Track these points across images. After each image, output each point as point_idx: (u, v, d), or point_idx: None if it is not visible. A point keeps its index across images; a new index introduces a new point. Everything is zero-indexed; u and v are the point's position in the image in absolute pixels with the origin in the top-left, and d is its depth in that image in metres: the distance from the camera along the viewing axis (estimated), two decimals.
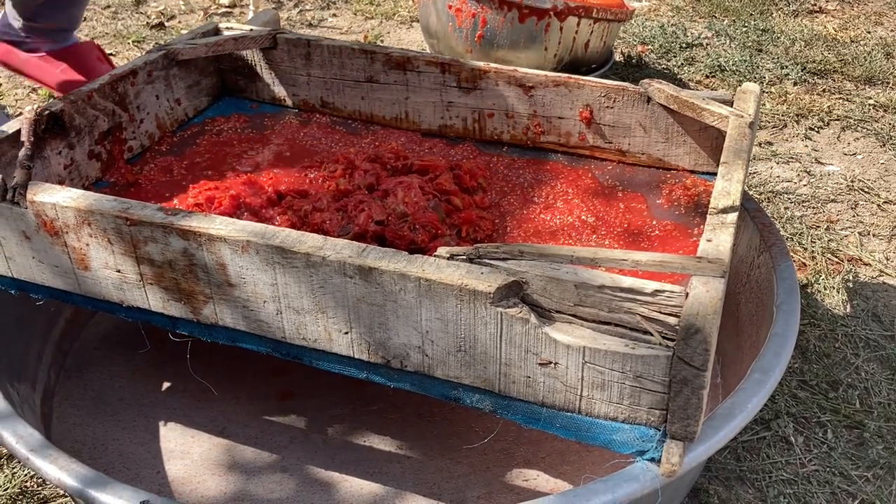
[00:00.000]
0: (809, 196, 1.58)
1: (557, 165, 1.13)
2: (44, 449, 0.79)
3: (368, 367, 0.80)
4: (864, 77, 2.03)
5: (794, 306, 0.93)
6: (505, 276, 0.70)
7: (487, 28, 1.77)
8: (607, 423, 0.72)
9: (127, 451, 1.01)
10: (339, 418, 1.05)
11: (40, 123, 0.96)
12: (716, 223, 0.77)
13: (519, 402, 0.75)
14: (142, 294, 0.85)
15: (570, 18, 1.75)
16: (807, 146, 1.76)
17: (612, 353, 0.68)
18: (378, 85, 1.21)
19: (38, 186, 0.85)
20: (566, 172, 1.11)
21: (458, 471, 0.98)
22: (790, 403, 1.10)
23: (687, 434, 0.70)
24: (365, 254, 0.73)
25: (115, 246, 0.82)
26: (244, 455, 1.00)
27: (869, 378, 1.14)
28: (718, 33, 2.34)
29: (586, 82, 1.10)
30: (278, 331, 0.81)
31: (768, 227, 1.06)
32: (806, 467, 1.02)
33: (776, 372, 0.84)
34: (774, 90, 1.99)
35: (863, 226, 1.49)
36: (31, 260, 0.89)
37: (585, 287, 0.68)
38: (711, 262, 0.69)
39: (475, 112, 1.17)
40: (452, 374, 0.76)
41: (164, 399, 1.09)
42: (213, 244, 0.78)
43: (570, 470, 0.97)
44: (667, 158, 1.10)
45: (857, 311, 1.27)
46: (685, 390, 0.67)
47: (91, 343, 1.18)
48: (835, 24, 2.41)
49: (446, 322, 0.73)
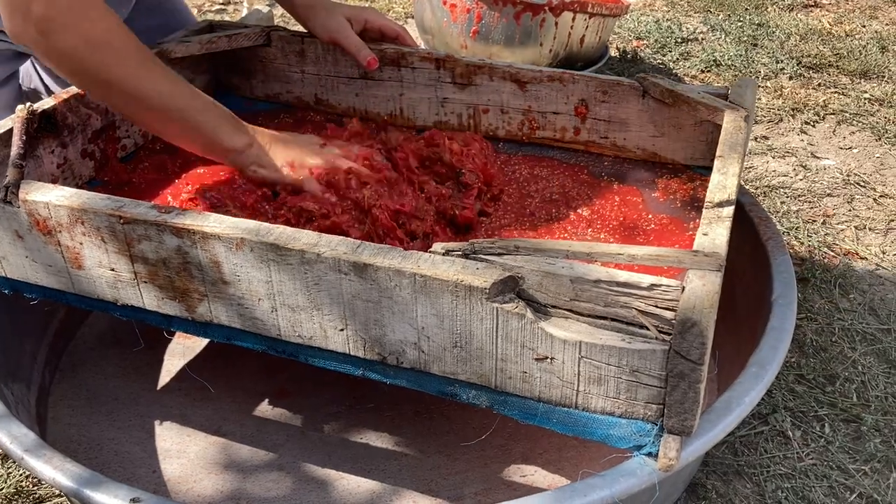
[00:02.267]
0: (805, 190, 1.58)
1: (553, 161, 1.12)
2: (38, 449, 0.78)
3: (364, 364, 0.80)
4: (860, 71, 2.03)
5: (790, 300, 0.93)
6: (500, 272, 0.70)
7: (482, 23, 1.77)
8: (604, 418, 0.72)
9: (123, 451, 1.01)
10: (335, 416, 1.04)
11: (32, 122, 0.95)
12: (712, 217, 0.77)
13: (515, 397, 0.75)
14: (136, 292, 0.85)
15: (566, 14, 1.75)
16: (802, 140, 1.76)
17: (609, 348, 0.68)
18: (372, 82, 1.20)
19: (31, 185, 0.84)
20: (561, 167, 1.11)
21: (456, 467, 0.97)
22: (787, 397, 1.10)
23: (684, 428, 0.70)
24: (360, 250, 0.73)
25: (109, 244, 0.82)
26: (240, 453, 1.00)
27: (866, 372, 1.14)
28: (714, 28, 2.33)
29: (581, 77, 1.09)
30: (273, 328, 0.81)
31: (765, 220, 1.06)
32: (803, 461, 1.02)
33: (773, 366, 0.84)
34: (770, 84, 1.99)
35: (859, 220, 1.49)
36: (25, 259, 0.88)
37: (581, 282, 0.68)
38: (708, 255, 0.69)
39: (470, 108, 1.17)
40: (448, 371, 0.76)
41: (160, 398, 1.08)
42: (207, 242, 0.77)
43: (568, 465, 0.97)
44: (662, 153, 1.10)
45: (853, 304, 1.27)
46: (682, 384, 0.67)
47: (86, 342, 1.18)
48: (830, 18, 2.41)
49: (442, 318, 0.72)
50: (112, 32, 0.88)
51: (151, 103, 0.91)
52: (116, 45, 0.88)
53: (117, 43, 0.89)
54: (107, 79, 0.88)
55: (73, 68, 0.88)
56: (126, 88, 0.89)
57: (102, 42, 0.87)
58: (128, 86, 0.89)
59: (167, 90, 0.91)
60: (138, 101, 0.91)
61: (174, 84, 0.93)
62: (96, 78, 0.89)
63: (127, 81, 0.89)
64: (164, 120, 0.93)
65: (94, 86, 0.91)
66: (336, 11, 1.17)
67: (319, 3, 1.18)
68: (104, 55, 0.87)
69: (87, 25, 0.86)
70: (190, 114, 0.93)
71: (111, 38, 0.88)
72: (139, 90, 0.90)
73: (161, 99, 0.91)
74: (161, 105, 0.91)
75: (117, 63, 0.88)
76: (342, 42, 1.16)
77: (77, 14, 0.85)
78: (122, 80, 0.89)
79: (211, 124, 0.95)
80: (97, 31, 0.87)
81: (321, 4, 1.18)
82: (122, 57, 0.89)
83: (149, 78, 0.90)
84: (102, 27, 0.87)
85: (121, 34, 0.89)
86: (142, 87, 0.90)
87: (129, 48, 0.90)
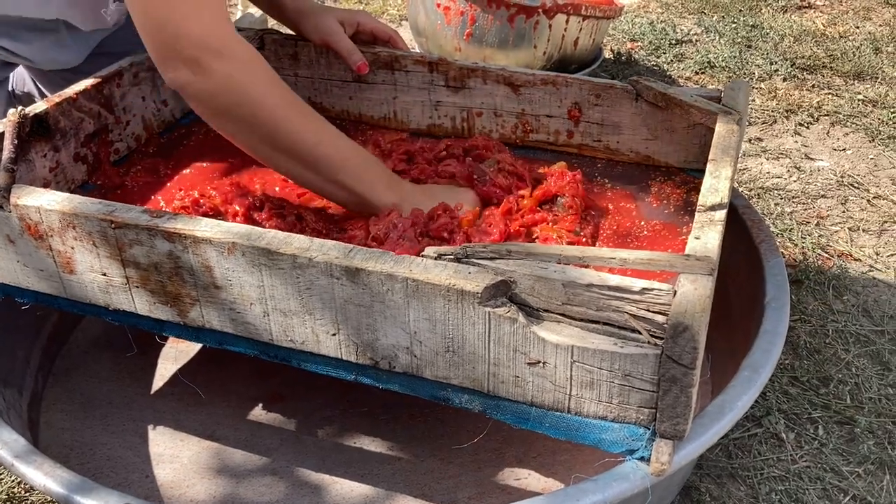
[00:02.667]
0: (799, 192, 1.59)
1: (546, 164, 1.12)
2: (29, 455, 0.78)
3: (357, 369, 0.80)
4: (853, 72, 2.04)
5: (783, 302, 0.93)
6: (492, 276, 0.69)
7: (476, 26, 1.77)
8: (597, 422, 0.72)
9: (115, 456, 1.00)
10: (329, 420, 1.04)
11: (24, 126, 0.95)
12: (704, 221, 0.77)
13: (508, 401, 0.75)
14: (128, 297, 0.85)
15: (559, 16, 1.75)
16: (796, 142, 1.77)
17: (601, 352, 0.68)
18: (366, 85, 1.20)
19: (22, 189, 0.84)
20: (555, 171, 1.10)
21: (449, 471, 0.97)
22: (781, 400, 1.10)
23: (676, 433, 0.70)
24: (352, 255, 0.73)
25: (101, 249, 0.82)
26: (234, 458, 1.00)
27: (860, 374, 1.14)
28: (708, 29, 2.34)
29: (574, 80, 1.09)
30: (265, 333, 0.80)
31: (757, 223, 1.06)
32: (797, 464, 1.02)
33: (766, 369, 0.84)
34: (764, 86, 2.00)
35: (853, 221, 1.50)
36: (16, 264, 0.88)
37: (573, 286, 0.68)
38: (699, 259, 0.69)
39: (464, 111, 1.17)
40: (441, 375, 0.76)
41: (153, 403, 1.08)
42: (199, 246, 0.77)
43: (562, 469, 0.97)
44: (655, 156, 1.10)
45: (847, 306, 1.27)
46: (674, 388, 0.67)
47: (78, 347, 1.18)
48: (823, 19, 2.42)
49: (434, 322, 0.72)
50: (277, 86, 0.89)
51: (305, 149, 0.89)
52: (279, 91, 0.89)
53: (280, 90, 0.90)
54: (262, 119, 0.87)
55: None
56: (281, 132, 0.88)
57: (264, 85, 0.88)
58: (282, 129, 0.88)
59: (326, 139, 0.90)
60: (292, 146, 0.89)
61: (335, 134, 0.92)
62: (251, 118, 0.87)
63: (282, 125, 0.88)
64: (313, 168, 0.90)
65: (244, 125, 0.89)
66: (328, 14, 1.17)
67: (310, 7, 1.17)
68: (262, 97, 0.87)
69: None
70: (350, 168, 0.91)
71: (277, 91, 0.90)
72: (295, 134, 0.89)
73: (319, 148, 0.89)
74: (316, 154, 0.89)
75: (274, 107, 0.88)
76: (334, 45, 1.15)
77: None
78: (277, 122, 0.88)
79: (368, 182, 0.92)
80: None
81: (312, 8, 1.17)
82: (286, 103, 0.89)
83: (306, 123, 0.90)
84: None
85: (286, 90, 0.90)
86: (296, 130, 0.89)
87: (289, 96, 0.90)
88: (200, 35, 0.84)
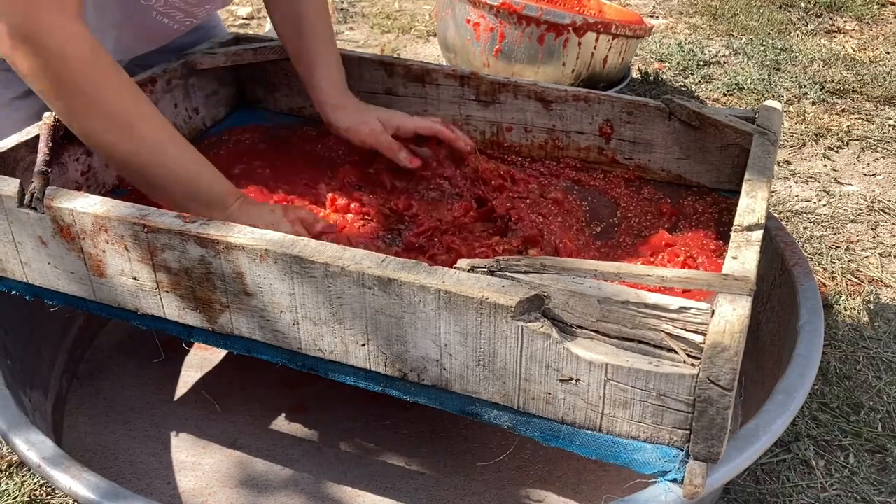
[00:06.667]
0: (829, 216, 1.57)
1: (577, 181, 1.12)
2: (56, 457, 0.78)
3: (385, 381, 0.79)
4: (884, 97, 2.02)
5: (817, 326, 0.92)
6: (527, 290, 0.69)
7: (505, 42, 1.77)
8: (629, 442, 0.71)
9: (137, 462, 1.00)
10: (351, 432, 1.03)
11: (59, 129, 0.95)
12: (741, 241, 0.76)
13: (538, 418, 0.74)
14: (157, 302, 0.84)
15: (589, 34, 1.75)
16: (826, 166, 1.75)
17: (636, 371, 0.67)
18: (396, 97, 1.20)
19: (57, 192, 0.84)
20: (586, 188, 1.10)
21: (473, 488, 0.96)
22: (811, 426, 1.08)
23: (710, 455, 0.68)
24: (384, 264, 0.72)
25: (132, 253, 0.82)
26: (256, 468, 0.99)
27: (892, 402, 1.12)
28: (736, 52, 2.33)
29: (606, 97, 1.09)
30: (294, 341, 0.80)
31: (790, 245, 1.05)
32: (827, 492, 1.00)
33: (800, 393, 0.83)
34: (793, 109, 1.98)
35: (883, 247, 1.48)
36: (47, 266, 0.88)
37: (609, 302, 0.67)
38: (738, 279, 0.68)
39: (494, 125, 1.16)
40: (471, 389, 0.75)
41: (176, 409, 1.08)
42: (231, 252, 0.77)
43: (587, 489, 0.96)
44: (687, 175, 1.09)
45: (878, 332, 1.25)
46: (710, 410, 0.66)
47: (104, 351, 1.18)
48: (853, 44, 2.40)
49: (466, 335, 0.71)
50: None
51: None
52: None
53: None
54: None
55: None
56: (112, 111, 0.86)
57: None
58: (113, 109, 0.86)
59: (163, 137, 0.89)
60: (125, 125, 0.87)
61: (170, 131, 0.90)
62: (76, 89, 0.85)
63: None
64: (149, 156, 0.88)
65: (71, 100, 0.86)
66: (368, 113, 1.11)
67: (350, 104, 1.12)
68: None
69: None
70: (184, 157, 0.90)
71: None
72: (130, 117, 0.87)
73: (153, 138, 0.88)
74: (152, 144, 0.88)
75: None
76: (377, 147, 1.11)
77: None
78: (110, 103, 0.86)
79: (197, 170, 0.91)
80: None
81: (352, 105, 1.12)
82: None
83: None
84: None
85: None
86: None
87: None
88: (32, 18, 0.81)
